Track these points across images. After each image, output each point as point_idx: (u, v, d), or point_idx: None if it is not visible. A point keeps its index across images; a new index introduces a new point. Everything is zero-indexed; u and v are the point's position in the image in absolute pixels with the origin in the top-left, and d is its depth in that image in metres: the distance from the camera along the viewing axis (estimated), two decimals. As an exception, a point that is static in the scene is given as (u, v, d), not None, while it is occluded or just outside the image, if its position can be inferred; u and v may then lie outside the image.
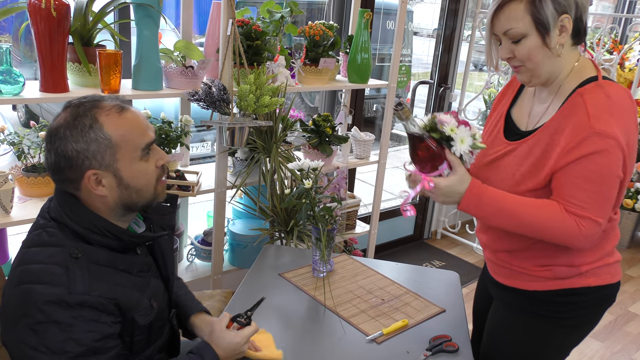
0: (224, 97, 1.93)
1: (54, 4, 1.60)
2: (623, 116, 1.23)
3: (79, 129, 1.07)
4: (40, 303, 1.01)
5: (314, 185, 1.75)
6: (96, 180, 1.10)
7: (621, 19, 4.88)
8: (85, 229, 1.10)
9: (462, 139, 1.29)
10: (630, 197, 3.99)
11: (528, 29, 1.24)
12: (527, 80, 1.33)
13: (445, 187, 1.30)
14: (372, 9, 2.98)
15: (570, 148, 1.23)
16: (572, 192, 1.24)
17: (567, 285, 1.38)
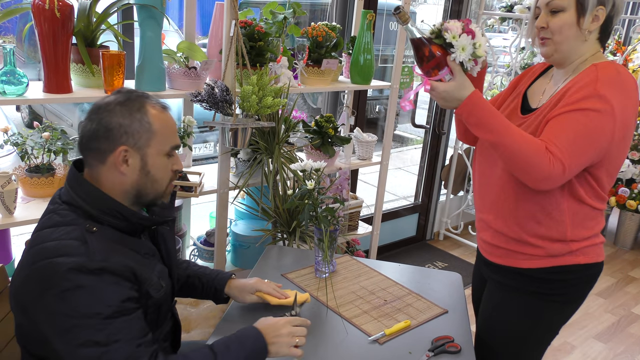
0: (226, 98, 1.94)
1: (58, 4, 1.61)
2: (626, 93, 1.34)
3: (128, 108, 1.18)
4: (63, 271, 1.07)
5: (316, 186, 1.75)
6: (124, 158, 1.18)
7: (624, 20, 4.87)
8: (97, 209, 1.17)
9: (462, 47, 1.34)
10: (634, 198, 3.98)
11: (569, 5, 1.38)
12: (550, 53, 1.45)
13: (443, 92, 1.38)
14: (375, 10, 2.98)
15: (571, 102, 1.35)
16: (556, 134, 1.34)
17: (559, 263, 1.48)
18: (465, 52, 1.34)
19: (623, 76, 1.36)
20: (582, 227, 1.47)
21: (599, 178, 1.43)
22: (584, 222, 1.47)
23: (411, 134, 7.45)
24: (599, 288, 3.62)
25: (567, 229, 1.46)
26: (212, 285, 1.53)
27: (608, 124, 1.32)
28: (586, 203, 1.45)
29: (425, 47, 1.35)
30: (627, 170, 3.98)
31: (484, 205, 1.61)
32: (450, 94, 1.37)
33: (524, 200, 1.47)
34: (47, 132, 1.89)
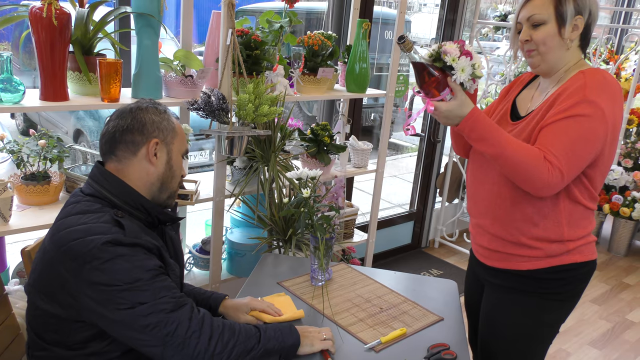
0: (223, 106, 1.94)
1: (56, 13, 1.61)
2: (613, 97, 1.40)
3: (158, 109, 1.34)
4: (100, 245, 1.14)
5: (312, 194, 1.75)
6: (154, 150, 1.30)
7: (617, 29, 4.92)
8: (122, 200, 1.27)
9: (462, 68, 1.42)
10: (627, 205, 4.01)
11: (549, 18, 1.45)
12: (537, 63, 1.51)
13: (445, 111, 1.44)
14: (371, 19, 3.00)
15: (562, 109, 1.40)
16: (553, 142, 1.38)
17: (557, 263, 1.53)
18: (465, 73, 1.43)
19: (609, 81, 1.42)
20: (577, 227, 1.52)
21: (593, 178, 1.48)
22: (579, 222, 1.52)
23: (406, 142, 7.48)
24: (594, 295, 3.63)
25: (564, 229, 1.50)
26: (207, 304, 1.55)
27: (600, 127, 1.38)
28: (581, 203, 1.50)
29: (427, 70, 1.42)
30: (620, 178, 4.01)
31: (479, 210, 1.63)
32: (453, 112, 1.44)
33: (520, 203, 1.50)
34: (43, 140, 1.89)
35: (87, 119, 4.21)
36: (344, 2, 2.95)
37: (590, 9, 1.45)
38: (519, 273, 1.56)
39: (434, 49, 1.46)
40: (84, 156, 2.21)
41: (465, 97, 1.44)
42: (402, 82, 2.82)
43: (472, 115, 1.43)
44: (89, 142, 4.12)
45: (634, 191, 4.05)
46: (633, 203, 4.00)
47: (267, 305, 1.55)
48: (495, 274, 1.63)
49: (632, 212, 3.96)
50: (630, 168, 4.13)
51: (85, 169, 2.10)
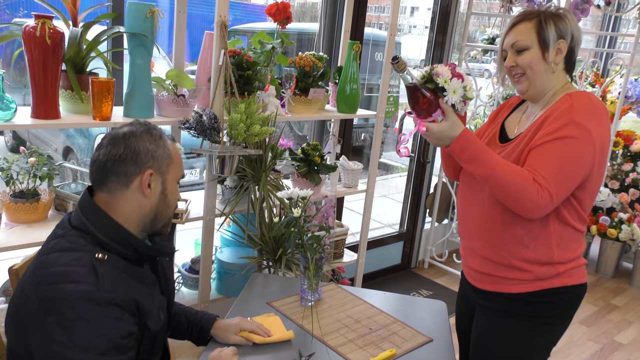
0: (214, 125, 1.95)
1: (49, 32, 1.62)
2: (599, 119, 1.43)
3: (153, 136, 1.26)
4: (71, 300, 1.08)
5: (302, 214, 1.76)
6: (148, 182, 1.23)
7: (602, 53, 5.01)
8: (108, 237, 1.20)
9: (454, 90, 1.46)
10: (614, 226, 4.04)
11: (532, 43, 1.48)
12: (525, 89, 1.54)
13: (437, 132, 1.46)
14: (361, 40, 3.04)
15: (550, 131, 1.42)
16: (541, 164, 1.40)
17: (547, 286, 1.53)
18: (456, 95, 1.46)
19: (595, 104, 1.45)
20: (567, 249, 1.53)
21: (582, 200, 1.50)
22: (569, 244, 1.53)
23: (396, 162, 7.52)
24: (582, 316, 3.64)
25: (554, 252, 1.51)
26: (199, 325, 1.54)
27: (588, 149, 1.40)
28: (570, 225, 1.52)
29: (419, 92, 1.46)
30: (607, 199, 4.05)
31: (469, 232, 1.64)
32: (444, 133, 1.46)
33: (510, 225, 1.51)
34: (33, 158, 1.88)
35: (77, 136, 4.20)
36: (335, 23, 2.99)
37: (573, 33, 1.49)
38: (510, 296, 1.57)
39: (426, 71, 1.49)
40: (73, 174, 2.20)
41: (457, 119, 1.47)
42: (392, 103, 2.85)
43: (462, 136, 1.45)
44: (78, 159, 4.11)
45: (621, 212, 4.09)
46: (620, 224, 4.04)
47: (257, 325, 1.54)
48: (486, 297, 1.64)
49: (619, 234, 4.00)
50: (616, 190, 4.18)
51: (74, 186, 2.09)
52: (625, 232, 3.97)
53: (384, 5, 11.24)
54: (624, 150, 4.33)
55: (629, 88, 4.22)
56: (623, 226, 4.00)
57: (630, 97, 4.28)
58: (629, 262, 4.50)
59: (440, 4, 3.68)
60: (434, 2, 3.72)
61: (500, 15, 3.66)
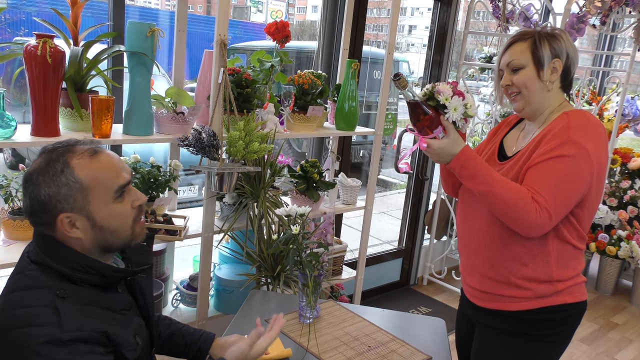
0: (213, 142, 1.96)
1: (50, 51, 1.64)
2: (597, 137, 1.44)
3: (51, 174, 1.10)
4: (35, 346, 1.02)
5: (301, 231, 1.76)
6: (70, 223, 1.12)
7: (599, 71, 5.06)
8: (69, 267, 1.12)
9: (455, 108, 1.48)
10: (613, 244, 4.04)
11: (527, 62, 1.50)
12: (521, 107, 1.56)
13: (438, 148, 1.48)
14: (360, 59, 3.07)
15: (548, 150, 1.43)
16: (540, 183, 1.41)
17: (546, 304, 1.53)
18: (457, 112, 1.48)
19: (592, 122, 1.46)
20: (566, 267, 1.53)
21: (580, 218, 1.50)
22: (568, 262, 1.53)
23: (395, 179, 7.53)
24: (582, 334, 3.62)
25: (553, 270, 1.51)
26: (197, 345, 1.50)
27: (586, 167, 1.41)
28: (569, 243, 1.52)
29: (420, 109, 1.48)
30: (605, 217, 4.05)
31: (468, 250, 1.64)
32: (445, 150, 1.47)
33: (509, 243, 1.51)
34: (33, 175, 1.89)
35: (76, 153, 4.20)
36: (333, 42, 3.02)
37: (568, 52, 1.51)
38: (509, 314, 1.57)
39: (428, 88, 1.51)
40: (72, 191, 2.21)
41: (457, 136, 1.48)
42: (391, 120, 2.87)
43: (463, 153, 1.47)
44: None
45: (620, 230, 4.09)
46: (619, 242, 4.03)
47: None
48: (486, 315, 1.63)
49: (618, 251, 3.99)
50: (615, 207, 4.19)
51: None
52: (625, 249, 3.97)
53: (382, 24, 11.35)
54: (621, 168, 4.35)
55: (625, 106, 4.25)
56: (622, 243, 4.00)
57: (627, 115, 4.31)
58: (629, 280, 4.49)
59: (438, 23, 3.73)
60: (432, 21, 3.77)
61: (497, 34, 3.70)
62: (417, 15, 16.45)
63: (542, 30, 1.52)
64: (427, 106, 1.48)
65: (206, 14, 11.92)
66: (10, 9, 5.99)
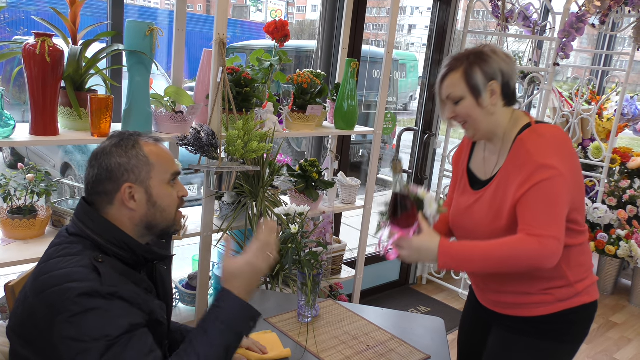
0: (212, 142, 1.96)
1: (49, 50, 1.64)
2: (558, 147, 1.45)
3: (124, 147, 1.24)
4: (74, 297, 1.08)
5: (300, 230, 1.76)
6: (130, 194, 1.23)
7: (598, 71, 5.06)
8: (105, 239, 1.21)
9: (430, 203, 1.52)
10: (612, 243, 4.04)
11: (464, 93, 1.48)
12: (472, 134, 1.56)
13: (417, 243, 1.45)
14: (359, 58, 3.06)
15: (522, 182, 1.43)
16: (531, 216, 1.41)
17: (567, 306, 1.54)
18: (432, 208, 1.52)
19: (546, 135, 1.46)
20: (578, 265, 1.54)
21: (575, 219, 1.51)
22: (578, 259, 1.55)
23: (394, 178, 7.51)
24: (581, 333, 3.62)
25: (568, 274, 1.52)
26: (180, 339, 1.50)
27: (563, 183, 1.40)
28: (571, 245, 1.51)
29: (402, 201, 1.48)
30: (605, 216, 4.05)
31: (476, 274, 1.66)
32: (424, 244, 1.45)
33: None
34: (31, 174, 1.89)
35: (75, 153, 4.21)
36: (333, 41, 3.02)
37: (501, 69, 1.48)
38: (531, 319, 1.57)
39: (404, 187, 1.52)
40: (71, 190, 2.21)
41: (432, 230, 1.48)
42: (390, 120, 2.87)
43: (443, 246, 1.44)
44: (76, 176, 4.11)
45: (619, 229, 4.09)
46: (618, 241, 4.04)
47: (252, 342, 1.53)
48: (505, 318, 1.63)
49: (618, 250, 4.00)
50: (614, 206, 4.19)
51: (72, 202, 2.09)
52: (624, 249, 3.97)
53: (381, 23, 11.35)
54: (621, 168, 4.35)
55: (625, 106, 4.25)
56: (621, 243, 4.00)
57: (626, 114, 4.31)
58: (628, 279, 4.49)
59: (438, 22, 3.73)
60: (431, 20, 3.77)
61: (497, 33, 3.70)
62: (417, 15, 16.46)
63: (470, 54, 1.49)
64: (408, 200, 1.49)
65: (206, 13, 11.91)
66: (9, 8, 5.98)
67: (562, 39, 3.19)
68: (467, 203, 1.62)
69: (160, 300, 1.34)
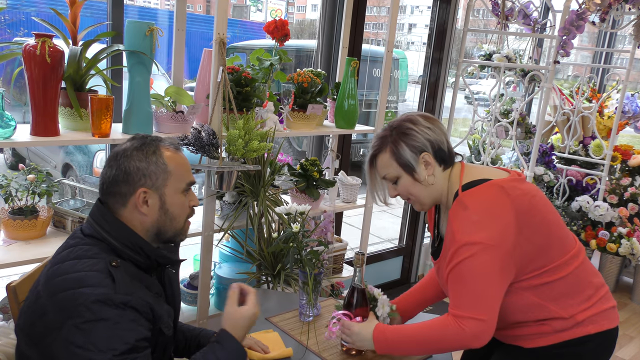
0: (213, 141, 1.96)
1: (49, 50, 1.64)
2: (483, 217, 1.35)
3: (144, 152, 1.25)
4: (88, 302, 1.09)
5: (301, 229, 1.76)
6: (144, 199, 1.24)
7: (599, 69, 5.05)
8: (120, 242, 1.23)
9: (383, 305, 1.59)
10: (613, 241, 4.04)
11: (398, 171, 1.45)
12: (419, 208, 1.52)
13: (356, 328, 1.47)
14: (359, 57, 3.06)
15: (448, 261, 1.39)
16: (452, 296, 1.39)
17: (568, 337, 1.42)
18: (384, 309, 1.59)
19: (470, 207, 1.36)
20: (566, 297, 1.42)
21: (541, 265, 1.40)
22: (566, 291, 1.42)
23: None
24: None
25: (558, 311, 1.41)
26: (196, 341, 1.53)
27: (486, 257, 1.33)
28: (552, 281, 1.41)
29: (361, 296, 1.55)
30: (606, 214, 4.05)
31: None
32: (362, 328, 1.47)
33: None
34: (32, 175, 1.89)
35: (76, 153, 4.21)
36: (333, 40, 3.02)
37: (429, 139, 1.43)
38: (530, 350, 1.46)
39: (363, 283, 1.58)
40: (72, 191, 2.21)
41: (374, 319, 1.52)
42: (391, 119, 2.87)
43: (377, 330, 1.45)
44: (77, 176, 4.11)
45: (620, 227, 4.09)
46: (619, 239, 4.04)
47: (255, 342, 1.53)
48: (504, 347, 1.54)
49: (619, 248, 4.00)
50: (615, 204, 4.19)
51: (73, 203, 2.10)
52: (625, 246, 3.97)
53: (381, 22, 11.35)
54: (622, 165, 4.35)
55: (625, 103, 4.25)
56: (622, 240, 4.00)
57: (627, 112, 4.30)
58: (629, 277, 4.48)
59: (437, 21, 3.72)
60: (431, 19, 3.76)
61: (497, 32, 3.70)
62: (417, 14, 16.45)
63: (392, 129, 1.45)
64: (364, 296, 1.56)
65: (205, 13, 11.92)
66: (9, 10, 5.99)
67: (563, 36, 3.18)
68: (438, 272, 1.57)
69: (169, 304, 1.35)
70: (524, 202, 1.38)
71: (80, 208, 2.06)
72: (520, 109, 3.59)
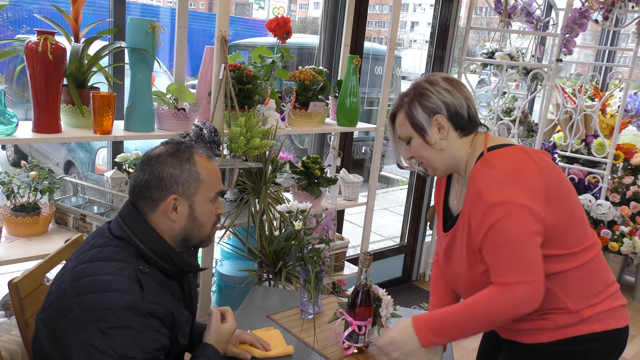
0: (214, 139, 1.96)
1: (51, 47, 1.64)
2: (511, 176, 1.29)
3: (179, 159, 1.27)
4: (117, 308, 1.11)
5: (302, 227, 1.76)
6: (174, 205, 1.26)
7: (602, 67, 5.04)
8: (149, 248, 1.24)
9: (387, 305, 1.60)
10: (615, 240, 4.03)
11: (411, 132, 1.41)
12: (432, 172, 1.47)
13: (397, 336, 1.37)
14: (361, 54, 3.06)
15: (477, 225, 1.31)
16: (493, 264, 1.30)
17: (572, 334, 1.36)
18: (387, 310, 1.59)
19: (497, 165, 1.31)
20: (579, 291, 1.36)
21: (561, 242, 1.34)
22: (579, 285, 1.36)
23: (397, 175, 7.53)
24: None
25: (567, 302, 1.36)
26: (200, 337, 1.49)
27: (520, 217, 1.26)
28: (567, 270, 1.35)
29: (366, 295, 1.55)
30: (608, 212, 4.04)
31: None
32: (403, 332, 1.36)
33: None
34: (34, 172, 1.89)
35: (78, 150, 4.22)
36: (335, 38, 3.02)
37: (445, 101, 1.36)
38: (532, 346, 1.40)
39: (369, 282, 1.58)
40: (74, 187, 2.21)
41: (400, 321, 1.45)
42: (392, 117, 2.86)
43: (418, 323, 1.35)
44: (79, 173, 4.12)
45: (622, 226, 4.08)
46: (621, 237, 4.03)
47: (256, 339, 1.53)
48: (507, 343, 1.50)
49: (621, 247, 3.99)
50: (617, 203, 4.18)
51: (75, 200, 2.10)
52: (627, 245, 3.96)
53: (384, 20, 11.33)
54: (624, 164, 4.34)
55: (628, 102, 4.23)
56: (625, 239, 3.99)
57: (629, 110, 4.29)
58: (631, 276, 4.48)
59: (440, 19, 3.72)
60: (434, 17, 3.75)
61: (499, 29, 3.69)
62: (420, 12, 16.43)
63: (411, 89, 1.40)
64: (369, 296, 1.56)
65: (207, 11, 11.91)
66: (12, 7, 5.99)
67: (565, 34, 3.18)
68: (443, 246, 1.51)
69: (186, 308, 1.36)
70: (552, 174, 1.34)
71: (82, 205, 2.06)
72: (522, 107, 3.58)
